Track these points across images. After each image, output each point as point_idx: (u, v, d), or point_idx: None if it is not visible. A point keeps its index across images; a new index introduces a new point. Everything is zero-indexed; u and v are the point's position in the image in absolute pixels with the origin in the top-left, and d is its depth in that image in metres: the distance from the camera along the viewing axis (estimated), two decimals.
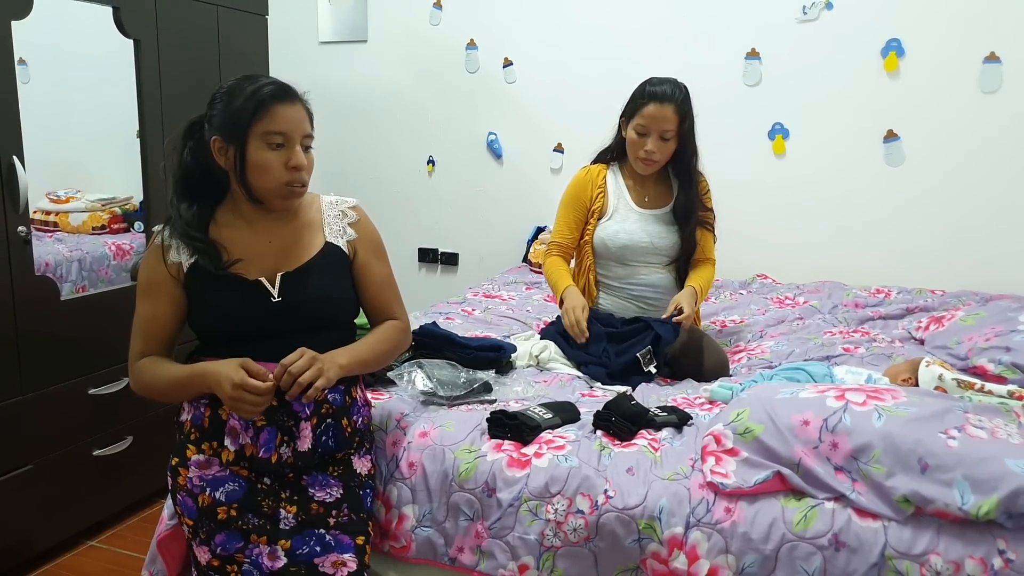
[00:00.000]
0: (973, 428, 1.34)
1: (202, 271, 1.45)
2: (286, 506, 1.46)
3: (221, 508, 1.43)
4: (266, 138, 1.41)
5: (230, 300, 1.45)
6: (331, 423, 1.49)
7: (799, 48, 3.05)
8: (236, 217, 1.51)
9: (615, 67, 3.27)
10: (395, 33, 3.71)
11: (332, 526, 1.47)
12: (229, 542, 1.43)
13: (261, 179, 1.43)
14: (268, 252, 1.50)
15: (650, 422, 1.61)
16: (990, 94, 2.83)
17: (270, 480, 1.46)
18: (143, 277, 1.49)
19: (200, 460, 1.45)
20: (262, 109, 1.40)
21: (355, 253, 1.58)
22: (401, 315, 1.64)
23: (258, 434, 1.43)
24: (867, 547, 1.28)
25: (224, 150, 1.43)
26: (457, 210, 3.76)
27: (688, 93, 2.16)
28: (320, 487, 1.48)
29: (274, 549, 1.43)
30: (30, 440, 2.18)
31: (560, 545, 1.43)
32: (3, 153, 2.04)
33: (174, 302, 1.48)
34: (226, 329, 1.46)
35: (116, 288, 2.48)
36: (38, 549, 2.26)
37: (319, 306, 1.50)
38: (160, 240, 1.48)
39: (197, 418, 1.46)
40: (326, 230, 1.56)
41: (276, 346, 1.43)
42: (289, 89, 1.45)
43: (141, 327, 1.49)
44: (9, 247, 2.07)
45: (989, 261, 2.89)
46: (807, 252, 3.14)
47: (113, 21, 2.36)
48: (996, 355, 1.92)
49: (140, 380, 1.48)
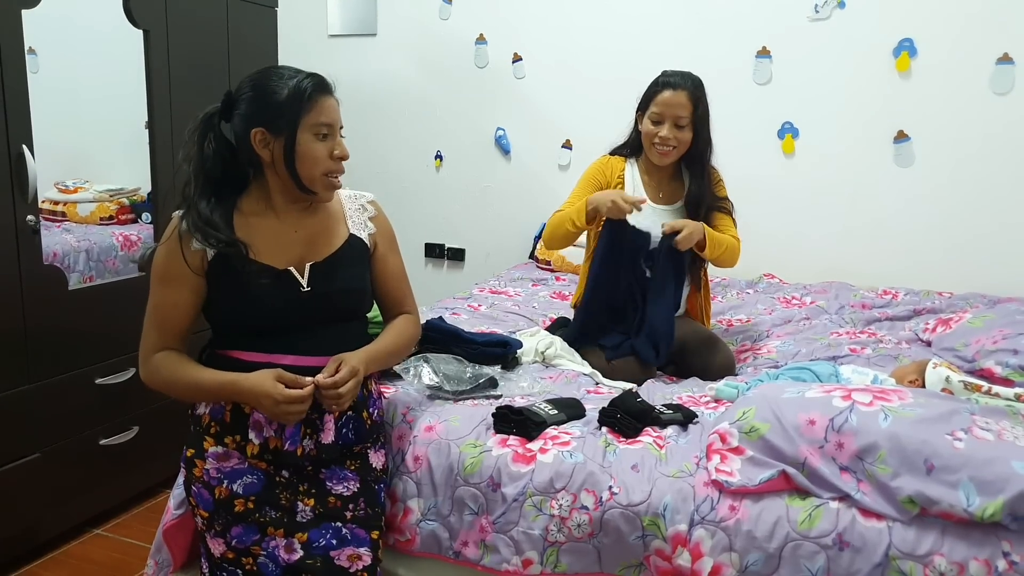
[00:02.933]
0: (980, 430, 1.34)
1: (229, 259, 1.44)
2: (304, 499, 1.46)
3: (238, 500, 1.44)
4: (314, 129, 1.43)
5: (259, 289, 1.43)
6: (352, 415, 1.50)
7: (810, 47, 3.04)
8: (264, 206, 1.50)
9: (625, 64, 3.26)
10: (404, 27, 3.71)
11: (349, 519, 1.48)
12: (246, 534, 1.44)
13: (308, 168, 1.44)
14: (294, 242, 1.50)
15: (656, 419, 1.61)
16: (1002, 95, 2.82)
17: (288, 473, 1.47)
18: (161, 265, 1.46)
19: (218, 452, 1.45)
20: (311, 101, 1.42)
21: (375, 246, 1.60)
22: (413, 308, 1.67)
23: (283, 427, 1.43)
24: (871, 547, 1.28)
25: (267, 142, 1.43)
26: (464, 205, 3.76)
27: (701, 82, 2.17)
28: (338, 480, 1.49)
29: (291, 542, 1.43)
30: (37, 429, 2.19)
31: (564, 540, 1.44)
32: (13, 143, 2.04)
33: (195, 291, 1.46)
34: (253, 319, 1.45)
35: (123, 279, 2.49)
36: (44, 537, 2.27)
37: (346, 297, 1.52)
38: (183, 227, 1.44)
39: (217, 412, 1.46)
40: (349, 222, 1.58)
41: (300, 338, 1.44)
42: (327, 81, 1.47)
43: (157, 317, 1.46)
44: (18, 236, 2.08)
45: (997, 263, 2.87)
46: (815, 252, 3.13)
47: (123, 11, 2.36)
48: (1003, 358, 1.91)
49: (156, 376, 1.45)
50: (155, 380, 1.46)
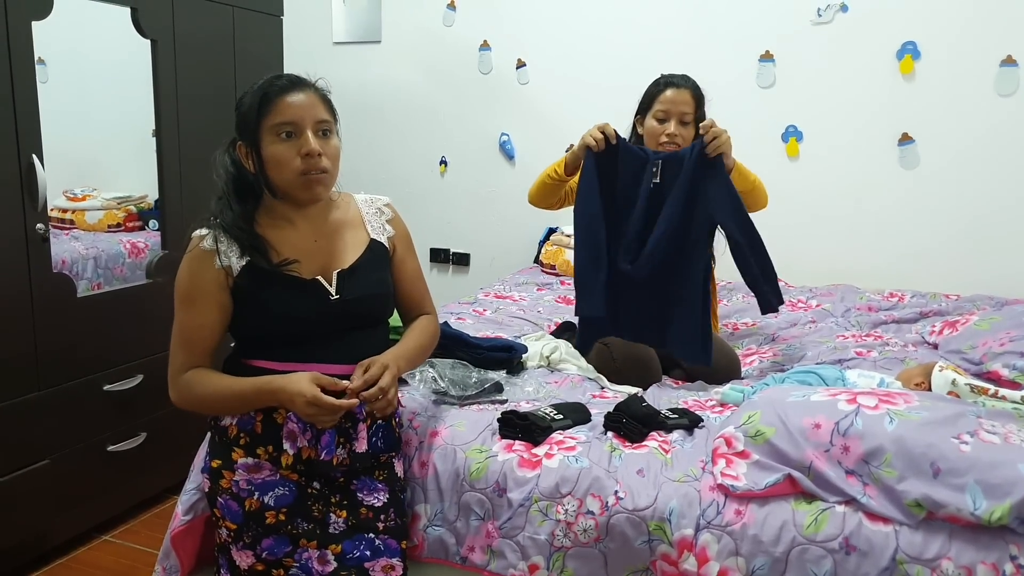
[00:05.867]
0: (986, 433, 1.33)
1: (256, 272, 1.41)
2: (336, 511, 1.46)
3: (270, 512, 1.43)
4: (275, 130, 1.38)
5: (288, 300, 1.42)
6: (382, 424, 1.50)
7: (813, 50, 3.04)
8: (276, 218, 1.48)
9: (628, 69, 3.26)
10: (409, 34, 3.73)
11: (381, 530, 1.48)
12: (277, 547, 1.43)
13: (279, 173, 1.40)
14: (316, 251, 1.48)
15: (661, 424, 1.61)
16: (1006, 97, 2.81)
17: (320, 484, 1.46)
18: (186, 285, 1.43)
19: (249, 464, 1.43)
20: (267, 103, 1.38)
21: (394, 249, 1.60)
22: (432, 309, 1.67)
23: (317, 437, 1.42)
24: (878, 551, 1.28)
25: (247, 153, 1.43)
26: (469, 210, 3.77)
27: (698, 85, 2.21)
28: (368, 492, 1.49)
29: (324, 553, 1.43)
30: (46, 435, 2.21)
31: (570, 545, 1.44)
32: (23, 152, 2.06)
33: (222, 308, 1.43)
34: (283, 330, 1.43)
35: (131, 286, 2.50)
36: (53, 543, 2.28)
37: (374, 302, 1.51)
38: (207, 245, 1.42)
39: (246, 423, 1.43)
40: (368, 227, 1.57)
41: (328, 345, 1.43)
42: (297, 79, 1.42)
43: (184, 337, 1.43)
44: (28, 244, 2.10)
45: (1004, 265, 2.87)
46: (820, 255, 3.13)
47: (131, 21, 2.38)
48: (1010, 360, 1.91)
49: (188, 393, 1.42)
50: (188, 398, 1.43)
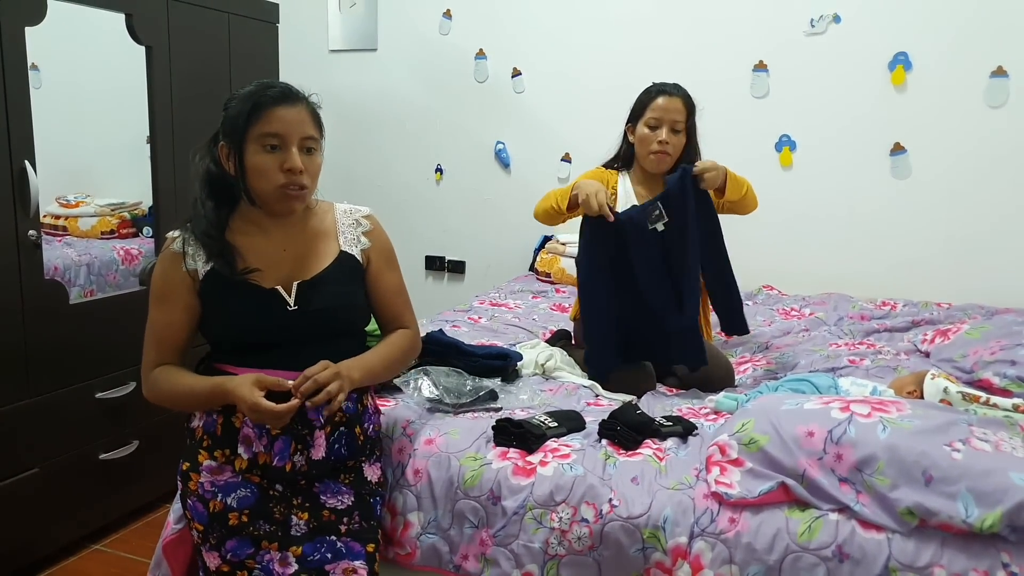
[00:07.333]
0: (978, 441, 1.34)
1: (219, 278, 1.45)
2: (298, 513, 1.46)
3: (232, 514, 1.43)
4: (261, 140, 1.40)
5: (246, 308, 1.45)
6: (344, 431, 1.49)
7: (807, 61, 3.06)
8: (249, 224, 1.50)
9: (623, 78, 3.25)
10: (405, 42, 3.74)
11: (343, 533, 1.47)
12: (240, 548, 1.43)
13: (258, 182, 1.42)
14: (283, 260, 1.50)
15: (655, 432, 1.61)
16: (997, 108, 2.84)
17: (282, 487, 1.46)
18: (158, 284, 1.48)
19: (212, 466, 1.45)
20: (257, 111, 1.39)
21: (368, 261, 1.58)
22: (411, 323, 1.64)
23: (272, 443, 1.43)
24: (871, 559, 1.28)
25: (229, 156, 1.44)
26: (464, 218, 3.78)
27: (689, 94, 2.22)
28: (332, 494, 1.49)
29: (285, 555, 1.43)
30: (37, 443, 2.19)
31: (564, 553, 1.44)
32: (15, 158, 2.06)
33: (189, 309, 1.47)
34: (242, 337, 1.46)
35: (124, 293, 2.50)
36: (43, 552, 2.26)
37: (334, 315, 1.50)
38: (176, 247, 1.47)
39: (209, 425, 1.46)
40: (340, 239, 1.56)
41: (291, 354, 1.44)
42: (290, 91, 1.44)
43: (155, 335, 1.48)
44: (19, 251, 2.09)
45: (995, 274, 2.89)
46: (813, 264, 3.14)
47: (126, 28, 2.38)
48: (1001, 368, 1.92)
49: (156, 389, 1.47)
50: (156, 394, 1.48)
